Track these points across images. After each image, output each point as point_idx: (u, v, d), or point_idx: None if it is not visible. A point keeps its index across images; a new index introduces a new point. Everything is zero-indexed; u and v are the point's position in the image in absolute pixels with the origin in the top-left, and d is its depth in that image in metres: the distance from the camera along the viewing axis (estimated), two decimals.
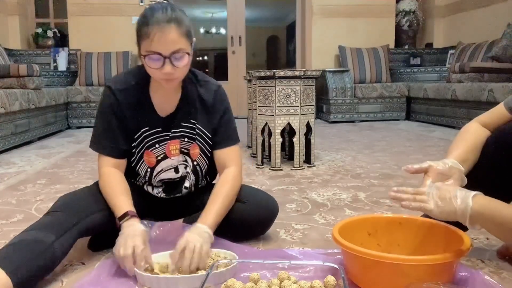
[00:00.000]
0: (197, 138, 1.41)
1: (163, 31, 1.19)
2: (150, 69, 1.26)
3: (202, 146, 1.42)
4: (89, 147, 1.40)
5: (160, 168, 1.41)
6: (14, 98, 3.56)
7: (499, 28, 4.70)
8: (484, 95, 4.02)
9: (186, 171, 1.44)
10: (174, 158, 1.41)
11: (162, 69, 1.23)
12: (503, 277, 1.18)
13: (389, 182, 2.35)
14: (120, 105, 1.35)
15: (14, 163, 3.08)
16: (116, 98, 1.34)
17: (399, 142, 3.79)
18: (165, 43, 1.20)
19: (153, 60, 1.23)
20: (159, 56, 1.22)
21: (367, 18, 6.19)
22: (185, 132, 1.41)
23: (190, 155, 1.42)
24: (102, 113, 1.37)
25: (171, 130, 1.39)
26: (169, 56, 1.22)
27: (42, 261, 1.12)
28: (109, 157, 1.36)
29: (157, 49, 1.21)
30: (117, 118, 1.35)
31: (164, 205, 1.50)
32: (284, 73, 2.64)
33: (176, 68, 1.24)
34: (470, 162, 1.24)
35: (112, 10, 5.88)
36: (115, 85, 1.36)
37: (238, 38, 6.53)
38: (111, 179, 1.34)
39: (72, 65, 5.82)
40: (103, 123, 1.37)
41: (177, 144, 1.40)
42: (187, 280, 1.12)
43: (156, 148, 1.39)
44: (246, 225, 1.42)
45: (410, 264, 1.03)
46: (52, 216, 1.25)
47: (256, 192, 1.51)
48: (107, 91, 1.36)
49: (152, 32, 1.20)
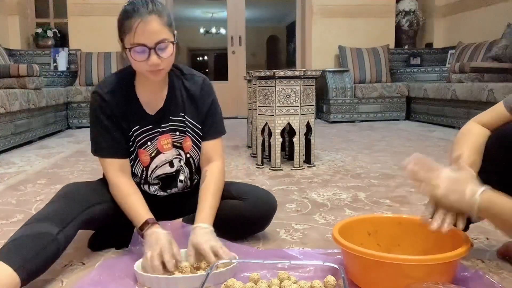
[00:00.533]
0: (188, 130, 1.43)
1: (145, 22, 1.21)
2: (136, 62, 1.26)
3: (193, 138, 1.44)
4: (93, 155, 1.39)
5: (155, 164, 1.42)
6: (14, 98, 3.56)
7: (499, 28, 4.70)
8: (484, 95, 4.01)
9: (180, 164, 1.45)
10: (167, 153, 1.42)
11: (148, 61, 1.24)
12: (503, 277, 1.18)
13: (389, 182, 2.35)
14: (110, 106, 1.35)
15: (14, 163, 3.08)
16: (104, 100, 1.35)
17: (399, 142, 3.79)
18: (148, 34, 1.21)
19: (138, 53, 1.23)
20: (143, 48, 1.23)
21: (367, 18, 6.19)
22: (175, 126, 1.42)
23: (183, 148, 1.44)
24: (96, 118, 1.37)
25: (160, 125, 1.40)
26: (154, 47, 1.23)
27: (48, 254, 1.13)
28: (113, 159, 1.36)
29: (141, 41, 1.22)
30: (110, 120, 1.36)
31: (161, 204, 1.50)
32: (284, 73, 2.64)
33: (162, 59, 1.25)
34: (477, 164, 1.21)
35: (112, 10, 5.87)
36: (102, 89, 1.36)
37: (238, 38, 6.53)
38: (121, 189, 1.35)
39: (72, 65, 5.82)
40: (98, 127, 1.37)
41: (168, 138, 1.41)
42: (187, 280, 1.12)
43: (148, 145, 1.40)
44: (245, 222, 1.43)
45: (410, 264, 1.03)
46: (55, 206, 1.26)
47: (255, 189, 1.51)
48: (95, 96, 1.36)
49: (135, 24, 1.21)
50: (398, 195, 2.08)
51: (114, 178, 1.36)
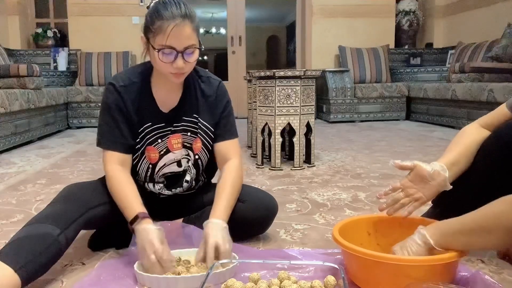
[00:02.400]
0: (200, 132, 1.43)
1: (179, 26, 1.21)
2: (161, 63, 1.26)
3: (204, 140, 1.44)
4: (96, 146, 1.38)
5: (163, 162, 1.42)
6: (14, 98, 3.56)
7: (499, 28, 4.70)
8: (484, 95, 4.01)
9: (188, 165, 1.45)
10: (177, 152, 1.42)
11: (174, 63, 1.25)
12: (503, 277, 1.18)
13: (389, 182, 2.35)
14: (124, 101, 1.35)
15: (14, 163, 3.08)
16: (120, 94, 1.35)
17: (399, 142, 3.79)
18: (180, 38, 1.23)
19: (166, 55, 1.24)
20: (172, 51, 1.24)
21: (367, 18, 6.19)
22: (187, 127, 1.42)
23: (193, 149, 1.44)
24: (106, 109, 1.36)
25: (173, 124, 1.40)
26: (183, 51, 1.24)
27: (49, 256, 1.13)
28: (115, 152, 1.35)
29: (172, 44, 1.23)
30: (121, 114, 1.35)
31: (164, 204, 1.50)
32: (284, 73, 2.64)
33: (187, 63, 1.27)
34: (461, 165, 1.25)
35: (112, 10, 5.88)
36: (118, 82, 1.36)
37: (238, 38, 6.53)
38: (119, 181, 1.32)
39: (72, 65, 5.82)
40: (108, 119, 1.36)
41: (179, 138, 1.41)
42: (187, 280, 1.12)
43: (159, 143, 1.40)
44: (245, 224, 1.42)
45: (410, 265, 1.03)
46: (56, 207, 1.25)
47: (255, 191, 1.51)
48: (110, 88, 1.36)
49: (169, 28, 1.21)
50: None
51: (112, 171, 1.34)
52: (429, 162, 1.25)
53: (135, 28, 5.85)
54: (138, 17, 5.86)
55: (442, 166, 1.22)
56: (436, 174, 1.20)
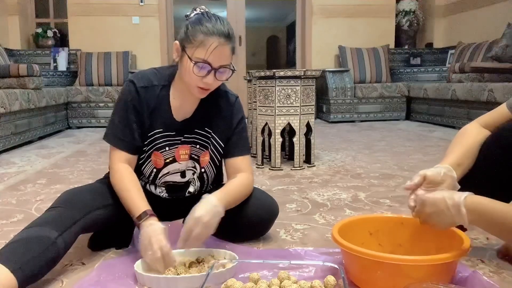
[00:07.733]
0: (210, 146, 1.42)
1: (222, 46, 1.24)
2: (192, 75, 1.26)
3: (213, 154, 1.43)
4: (103, 139, 1.38)
5: (167, 170, 1.41)
6: (14, 98, 3.56)
7: (499, 28, 4.70)
8: (484, 95, 4.01)
9: (192, 177, 1.45)
10: (183, 163, 1.41)
11: (204, 78, 1.26)
12: (503, 277, 1.18)
13: (389, 182, 2.35)
14: (141, 102, 1.34)
15: (14, 163, 3.08)
16: (139, 94, 1.34)
17: (399, 142, 3.79)
18: (220, 57, 1.25)
19: (200, 69, 1.25)
20: (207, 66, 1.24)
21: (367, 18, 6.19)
22: (198, 139, 1.41)
23: (200, 162, 1.43)
24: (122, 107, 1.35)
25: (184, 135, 1.39)
26: (217, 68, 1.26)
27: (46, 258, 1.13)
28: (124, 152, 1.35)
29: (210, 60, 1.24)
30: (136, 114, 1.34)
31: (166, 205, 1.50)
32: (284, 73, 2.64)
33: (217, 81, 1.28)
34: (465, 166, 1.25)
35: (112, 10, 5.88)
36: (139, 82, 1.35)
37: (238, 38, 6.53)
38: (124, 177, 1.32)
39: (72, 65, 5.82)
40: (122, 117, 1.35)
41: (187, 149, 1.40)
42: (187, 280, 1.12)
43: (166, 150, 1.39)
44: (246, 225, 1.42)
45: (410, 265, 1.03)
46: (55, 212, 1.25)
47: (256, 193, 1.50)
48: (131, 86, 1.35)
49: (211, 45, 1.23)
50: (398, 195, 2.08)
51: (117, 167, 1.34)
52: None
53: (135, 28, 5.85)
54: (138, 17, 5.86)
55: (448, 167, 1.21)
56: (446, 176, 1.20)
